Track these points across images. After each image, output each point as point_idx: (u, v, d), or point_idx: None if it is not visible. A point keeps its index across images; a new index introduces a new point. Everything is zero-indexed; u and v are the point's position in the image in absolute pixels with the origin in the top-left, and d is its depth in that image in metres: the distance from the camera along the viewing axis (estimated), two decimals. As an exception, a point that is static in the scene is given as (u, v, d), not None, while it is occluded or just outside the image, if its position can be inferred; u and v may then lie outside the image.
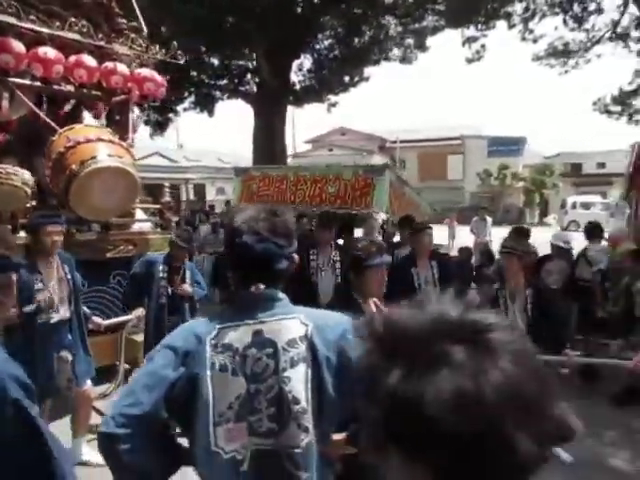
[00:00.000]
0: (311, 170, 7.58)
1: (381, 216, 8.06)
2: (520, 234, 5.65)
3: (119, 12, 4.95)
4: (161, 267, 3.77)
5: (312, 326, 1.29)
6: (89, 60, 4.50)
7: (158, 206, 5.61)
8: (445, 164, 33.94)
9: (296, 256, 1.41)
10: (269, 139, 11.98)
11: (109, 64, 4.67)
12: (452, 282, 4.54)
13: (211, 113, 13.75)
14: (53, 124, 4.19)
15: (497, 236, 5.75)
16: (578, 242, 5.84)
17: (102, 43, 4.68)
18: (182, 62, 5.51)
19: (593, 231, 5.42)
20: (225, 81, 13.29)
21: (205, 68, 12.99)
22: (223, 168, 32.03)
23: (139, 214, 5.33)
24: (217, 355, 1.25)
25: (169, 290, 3.76)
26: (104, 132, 4.32)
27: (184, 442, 1.36)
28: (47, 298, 3.14)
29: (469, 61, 11.35)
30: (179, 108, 13.41)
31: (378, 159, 33.97)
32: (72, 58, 4.43)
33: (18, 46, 4.07)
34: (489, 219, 11.62)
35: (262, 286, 1.31)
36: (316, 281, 4.43)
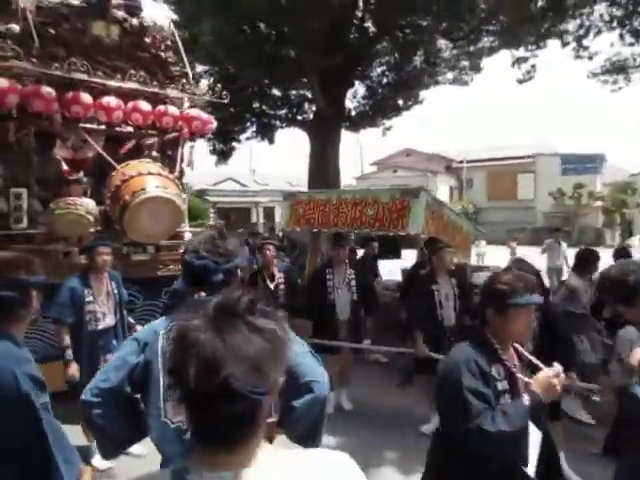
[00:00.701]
0: (352, 194, 7.94)
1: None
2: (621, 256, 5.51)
3: (172, 61, 5.69)
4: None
5: None
6: (144, 105, 5.25)
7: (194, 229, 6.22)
8: (515, 183, 32.84)
9: (239, 271, 1.78)
10: (323, 164, 12.52)
11: (161, 107, 5.40)
12: (470, 297, 4.65)
13: (271, 141, 14.60)
14: (112, 162, 4.92)
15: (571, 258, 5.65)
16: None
17: (156, 89, 5.42)
18: (226, 101, 6.11)
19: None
20: (284, 110, 14.10)
21: (266, 99, 13.90)
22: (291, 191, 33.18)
23: (188, 236, 5.96)
24: (168, 345, 1.65)
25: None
26: (154, 167, 4.99)
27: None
28: (95, 309, 3.74)
29: (520, 82, 11.20)
30: (242, 137, 14.38)
31: (444, 179, 33.66)
32: (130, 104, 5.19)
33: (86, 98, 4.87)
34: (564, 244, 10.91)
35: (203, 294, 1.70)
36: (333, 299, 4.74)
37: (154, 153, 5.71)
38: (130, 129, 5.43)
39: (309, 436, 1.66)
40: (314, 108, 13.64)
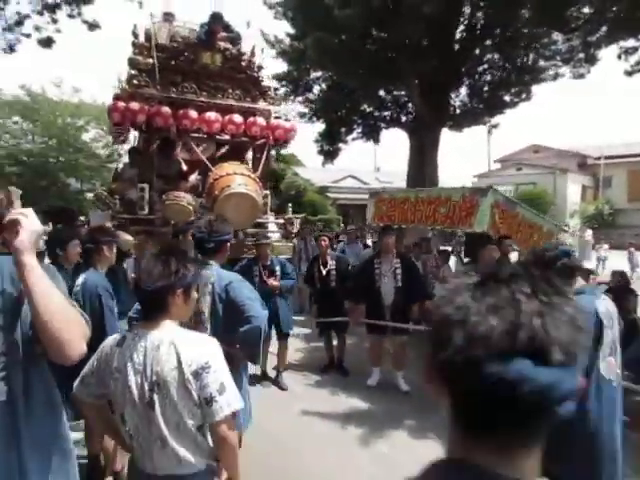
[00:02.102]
0: (428, 192, 8.39)
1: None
2: None
3: (262, 80, 6.85)
4: (255, 267, 5.28)
5: (216, 277, 2.57)
6: (237, 118, 6.47)
7: (281, 221, 7.30)
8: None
9: (228, 243, 2.71)
10: (421, 164, 12.93)
11: (251, 118, 6.58)
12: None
13: (376, 141, 15.36)
14: (208, 163, 6.22)
15: None
16: None
17: (247, 104, 6.62)
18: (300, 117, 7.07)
19: None
20: (388, 112, 14.73)
21: (372, 101, 14.67)
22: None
23: (271, 226, 7.10)
24: None
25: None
26: (241, 168, 6.19)
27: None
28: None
29: (628, 74, 10.25)
30: (348, 138, 15.34)
31: (575, 178, 30.90)
32: (227, 117, 6.45)
33: (193, 113, 6.23)
34: None
35: (200, 256, 2.66)
36: (379, 286, 5.40)
37: (248, 155, 6.94)
38: (226, 137, 6.71)
39: (251, 355, 2.53)
40: (413, 109, 14.05)
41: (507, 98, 13.74)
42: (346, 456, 3.82)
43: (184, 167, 6.78)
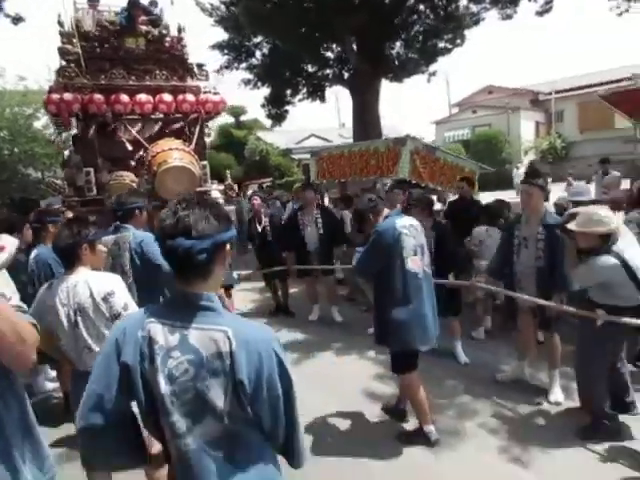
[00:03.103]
0: (359, 146, 9.09)
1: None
2: None
3: (187, 58, 7.31)
4: None
5: (132, 237, 3.28)
6: (167, 97, 6.99)
7: (222, 187, 7.96)
8: (611, 112, 29.91)
9: (137, 211, 3.42)
10: (363, 117, 13.55)
11: (181, 96, 7.09)
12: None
13: (322, 100, 15.81)
14: (144, 142, 6.78)
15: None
16: None
17: (175, 83, 7.12)
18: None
19: None
20: (330, 70, 15.14)
21: (315, 61, 15.03)
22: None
23: (214, 193, 7.75)
24: None
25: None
26: (176, 143, 6.76)
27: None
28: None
29: (539, 14, 10.89)
30: (295, 100, 15.76)
31: (529, 115, 31.80)
32: (157, 97, 6.95)
33: (125, 98, 6.73)
34: None
35: (118, 222, 3.36)
36: (303, 235, 6.18)
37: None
38: (159, 115, 7.23)
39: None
40: (351, 65, 14.49)
41: (441, 45, 14.29)
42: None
43: (129, 147, 7.29)
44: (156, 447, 1.48)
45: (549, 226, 3.69)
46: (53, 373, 4.77)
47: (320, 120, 50.07)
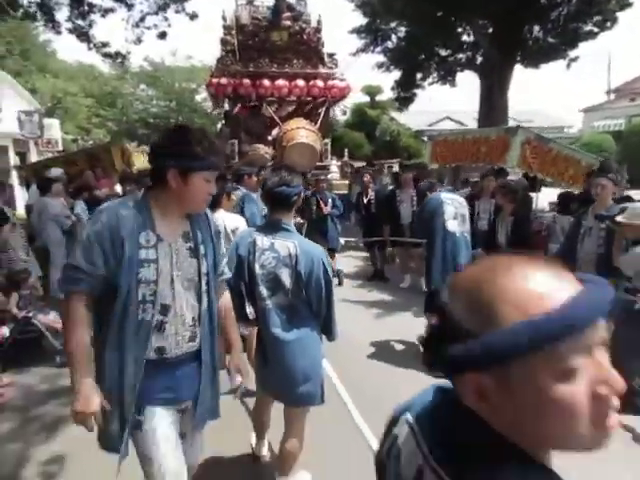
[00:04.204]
0: (472, 134, 9.44)
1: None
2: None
3: (321, 48, 8.43)
4: (313, 198, 7.12)
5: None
6: (300, 82, 8.21)
7: (339, 163, 9.02)
8: None
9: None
10: (490, 103, 13.56)
11: (312, 82, 8.26)
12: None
13: (452, 84, 15.99)
14: (279, 121, 8.11)
15: None
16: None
17: (308, 70, 8.29)
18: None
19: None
20: (464, 55, 15.20)
21: (450, 44, 15.24)
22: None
23: (333, 168, 8.87)
24: None
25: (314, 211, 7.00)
26: (303, 122, 7.97)
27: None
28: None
29: None
30: (425, 83, 16.14)
31: None
32: (292, 83, 8.21)
33: (266, 82, 8.09)
34: None
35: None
36: (399, 211, 6.94)
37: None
38: (294, 98, 8.50)
39: None
40: (483, 51, 14.40)
41: (587, 28, 13.50)
42: (371, 324, 5.71)
43: (276, 119, 8.69)
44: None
45: (606, 217, 4.09)
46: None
47: (458, 103, 48.58)
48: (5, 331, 3.86)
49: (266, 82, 8.11)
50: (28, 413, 3.37)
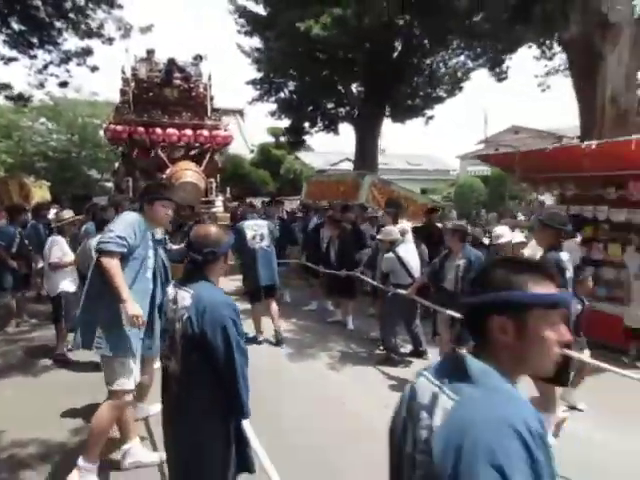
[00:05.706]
0: (334, 177, 11.62)
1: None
2: None
3: (207, 104, 10.10)
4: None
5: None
6: (188, 131, 9.77)
7: (223, 199, 10.64)
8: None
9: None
10: (364, 152, 16.07)
11: (198, 131, 9.85)
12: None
13: (336, 133, 18.45)
14: (169, 163, 9.56)
15: None
16: None
17: (196, 121, 9.90)
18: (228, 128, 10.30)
19: None
20: (343, 109, 17.77)
21: (332, 100, 17.71)
22: (409, 170, 35.74)
23: (218, 202, 10.42)
24: None
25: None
26: (190, 165, 9.48)
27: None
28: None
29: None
30: (313, 130, 18.45)
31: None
32: (182, 131, 9.74)
33: (158, 130, 9.55)
34: None
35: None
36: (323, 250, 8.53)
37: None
38: (183, 144, 10.03)
39: None
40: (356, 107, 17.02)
41: (442, 94, 16.66)
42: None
43: (167, 162, 10.06)
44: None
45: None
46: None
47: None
48: None
49: (158, 130, 9.56)
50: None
